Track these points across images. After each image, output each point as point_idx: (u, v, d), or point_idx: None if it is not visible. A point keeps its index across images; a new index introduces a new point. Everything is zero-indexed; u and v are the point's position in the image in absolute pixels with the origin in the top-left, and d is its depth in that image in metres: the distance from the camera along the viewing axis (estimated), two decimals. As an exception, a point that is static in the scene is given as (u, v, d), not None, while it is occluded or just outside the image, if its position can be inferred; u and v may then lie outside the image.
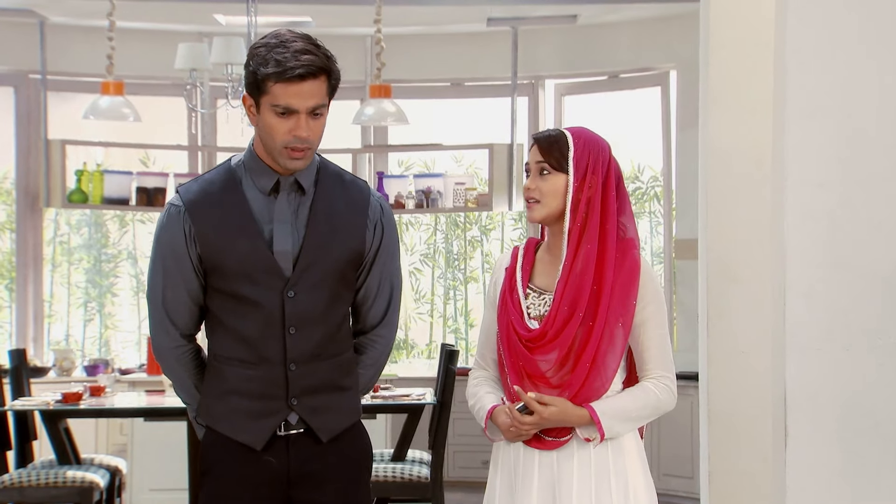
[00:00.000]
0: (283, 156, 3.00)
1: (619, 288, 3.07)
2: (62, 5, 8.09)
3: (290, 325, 3.05)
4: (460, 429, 8.32)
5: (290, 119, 2.97)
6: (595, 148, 3.12)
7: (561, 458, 3.09)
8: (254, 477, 3.06)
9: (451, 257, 9.30)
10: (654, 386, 3.11)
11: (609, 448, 3.09)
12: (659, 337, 3.13)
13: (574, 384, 3.06)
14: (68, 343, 8.93)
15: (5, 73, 8.62)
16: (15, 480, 6.12)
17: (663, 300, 3.16)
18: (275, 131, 2.98)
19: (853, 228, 3.74)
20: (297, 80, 2.93)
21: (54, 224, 8.97)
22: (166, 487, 6.69)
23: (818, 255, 3.75)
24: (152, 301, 3.11)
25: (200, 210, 3.05)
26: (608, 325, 3.06)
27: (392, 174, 8.89)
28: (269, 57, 2.94)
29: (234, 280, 3.03)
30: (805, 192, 3.75)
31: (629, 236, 3.13)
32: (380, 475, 6.21)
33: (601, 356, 3.06)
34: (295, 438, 3.08)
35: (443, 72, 8.94)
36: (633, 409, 3.09)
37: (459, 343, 9.16)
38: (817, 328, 3.74)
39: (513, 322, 3.14)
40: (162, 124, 8.73)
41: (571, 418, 3.06)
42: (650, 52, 8.36)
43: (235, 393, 3.06)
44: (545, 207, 3.13)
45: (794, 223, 3.76)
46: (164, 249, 3.08)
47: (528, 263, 3.21)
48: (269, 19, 8.04)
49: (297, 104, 2.95)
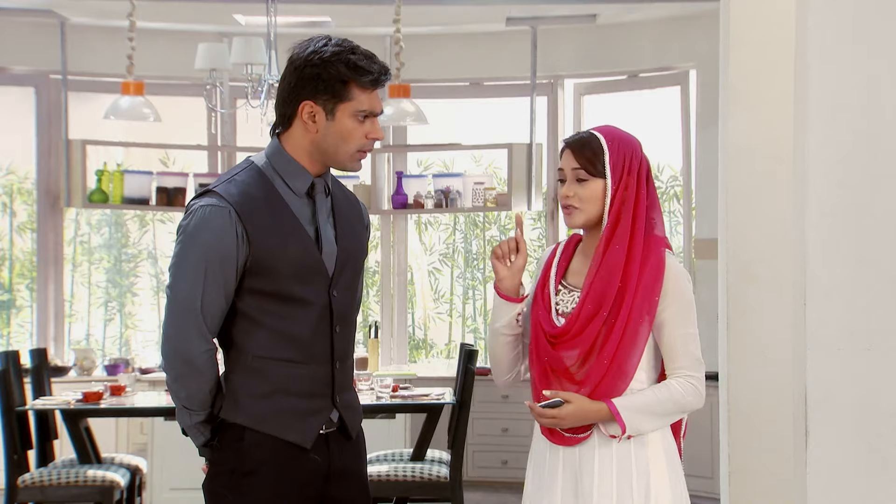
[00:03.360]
0: (354, 159, 3.10)
1: (644, 286, 3.06)
2: (83, 6, 8.12)
3: (337, 323, 3.11)
4: (479, 428, 8.33)
5: (367, 123, 3.06)
6: (628, 148, 3.11)
7: (583, 453, 3.09)
8: (301, 475, 3.09)
9: (469, 257, 9.30)
10: (677, 384, 3.09)
11: (632, 445, 3.07)
12: (683, 336, 3.11)
13: (593, 380, 3.06)
14: (89, 342, 8.96)
15: (26, 74, 8.66)
16: (36, 479, 6.15)
17: (691, 299, 3.13)
18: (353, 135, 3.06)
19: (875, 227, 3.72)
20: (378, 86, 3.06)
21: (75, 224, 9.01)
22: (186, 486, 6.69)
23: (839, 255, 3.73)
24: (186, 304, 3.02)
25: (250, 211, 3.02)
26: (630, 323, 3.05)
27: (411, 174, 8.90)
28: (350, 61, 3.01)
29: (283, 281, 3.04)
30: (826, 191, 3.74)
31: (656, 232, 3.12)
32: (399, 475, 6.21)
33: (622, 353, 3.05)
34: (331, 436, 3.14)
35: (462, 71, 8.94)
36: (654, 405, 3.07)
37: (478, 343, 9.15)
38: (838, 328, 3.73)
39: (540, 318, 3.15)
40: (182, 124, 8.76)
41: (590, 414, 3.05)
42: (670, 51, 8.34)
43: (281, 392, 3.07)
44: (584, 214, 3.12)
45: (815, 222, 3.74)
46: (204, 250, 3.01)
47: (565, 260, 3.22)
48: (289, 19, 8.05)
49: (378, 107, 3.08)
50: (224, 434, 3.10)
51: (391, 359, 8.95)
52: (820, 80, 3.75)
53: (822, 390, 3.73)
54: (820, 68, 3.75)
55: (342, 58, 3.01)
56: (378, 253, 9.02)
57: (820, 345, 3.73)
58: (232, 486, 3.07)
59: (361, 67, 3.01)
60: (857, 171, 3.73)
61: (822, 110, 3.75)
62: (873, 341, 3.71)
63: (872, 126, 3.73)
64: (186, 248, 3.03)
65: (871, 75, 3.73)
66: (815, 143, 3.75)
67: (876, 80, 3.73)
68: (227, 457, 3.09)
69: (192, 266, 3.02)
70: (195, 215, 3.03)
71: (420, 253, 9.24)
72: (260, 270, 3.03)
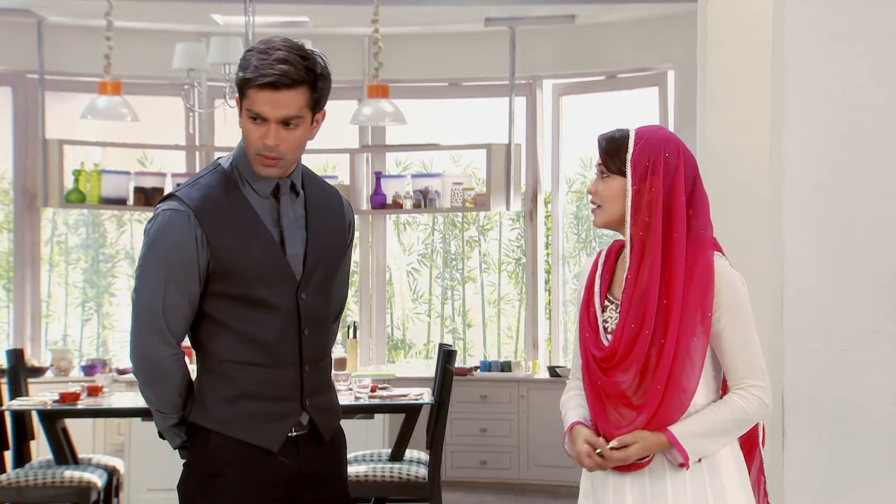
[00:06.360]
0: (256, 162, 3.01)
1: (692, 300, 2.85)
2: (60, 5, 8.09)
3: (305, 326, 3.08)
4: (458, 429, 8.33)
5: (262, 126, 2.96)
6: (656, 147, 2.90)
7: (653, 480, 2.91)
8: (269, 478, 3.07)
9: (448, 257, 9.30)
10: (739, 398, 2.89)
11: (704, 469, 2.89)
12: (742, 343, 2.89)
13: (651, 404, 2.86)
14: (66, 343, 8.93)
15: (3, 73, 8.62)
16: (12, 480, 6.12)
17: (744, 302, 2.91)
18: (248, 136, 3.00)
19: (850, 229, 3.74)
20: (269, 88, 2.92)
21: (52, 224, 8.97)
22: (164, 487, 6.66)
23: (815, 256, 3.75)
24: (148, 309, 3.03)
25: (209, 214, 3.01)
26: (682, 341, 2.85)
27: (390, 174, 8.89)
28: (250, 61, 2.94)
29: (247, 284, 3.02)
30: (802, 193, 3.76)
31: (704, 239, 2.91)
32: (378, 475, 6.21)
33: (676, 374, 2.85)
34: (302, 439, 3.11)
35: (440, 72, 8.94)
36: (716, 425, 2.87)
37: (457, 343, 9.16)
38: (814, 329, 3.75)
39: (587, 341, 2.96)
40: (159, 124, 8.73)
41: (653, 448, 2.87)
42: (648, 52, 8.36)
43: (247, 396, 3.05)
44: (605, 213, 2.95)
45: (792, 224, 3.76)
46: (165, 255, 3.01)
47: (608, 271, 3.01)
48: (267, 19, 8.04)
49: (268, 112, 2.94)
50: (194, 437, 3.10)
51: (370, 359, 8.95)
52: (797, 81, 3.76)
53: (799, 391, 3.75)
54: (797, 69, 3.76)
55: (249, 55, 2.96)
56: (357, 253, 9.01)
57: (796, 346, 3.75)
58: (201, 488, 3.08)
59: (254, 66, 2.92)
60: (833, 173, 3.75)
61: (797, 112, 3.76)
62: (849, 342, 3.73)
63: (849, 127, 3.74)
64: (149, 252, 3.05)
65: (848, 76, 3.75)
66: (790, 145, 3.76)
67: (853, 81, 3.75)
68: (196, 459, 3.09)
69: (153, 271, 3.03)
70: (157, 220, 3.04)
71: (399, 253, 9.24)
72: (223, 274, 3.01)
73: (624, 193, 2.91)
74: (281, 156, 2.99)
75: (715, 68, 4.73)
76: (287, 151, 3.00)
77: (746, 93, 4.67)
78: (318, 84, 2.98)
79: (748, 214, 4.60)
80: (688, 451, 2.85)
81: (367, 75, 8.52)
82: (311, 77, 2.96)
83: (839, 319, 3.73)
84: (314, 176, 3.22)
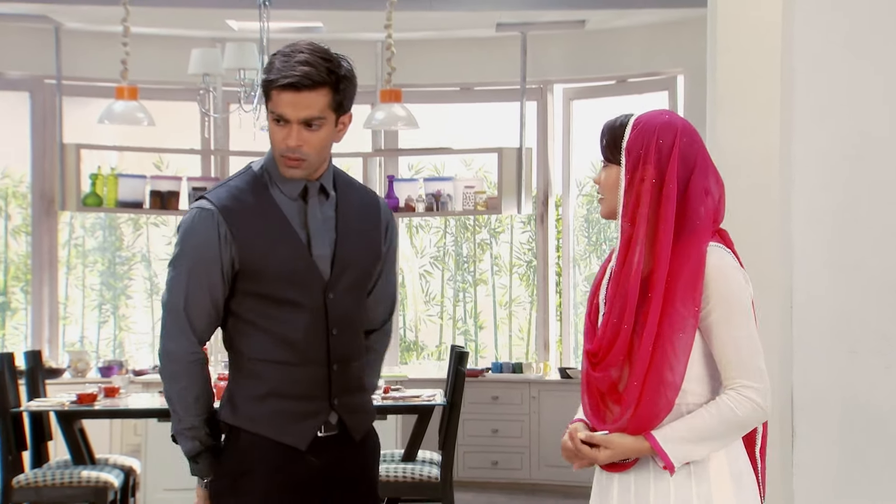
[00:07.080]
0: (280, 163, 3.04)
1: (680, 293, 2.68)
2: (77, 11, 8.16)
3: (333, 326, 3.09)
4: (470, 429, 8.38)
5: (285, 128, 3.00)
6: (650, 134, 2.77)
7: (638, 482, 2.77)
8: (298, 477, 3.08)
9: (460, 260, 9.35)
10: (728, 399, 2.70)
11: (692, 471, 2.73)
12: (734, 340, 2.69)
13: (632, 400, 2.71)
14: (83, 345, 9.00)
15: (21, 79, 8.70)
16: (31, 480, 6.19)
17: (739, 298, 2.71)
18: (273, 138, 3.03)
19: (860, 232, 3.74)
20: (291, 90, 2.95)
21: (69, 227, 9.04)
22: (180, 487, 6.72)
23: (825, 259, 3.75)
24: (172, 306, 3.06)
25: (235, 213, 3.05)
26: (663, 336, 2.68)
27: (402, 178, 8.94)
28: (274, 64, 2.98)
29: (274, 284, 3.05)
30: (812, 196, 3.76)
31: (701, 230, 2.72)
32: (390, 475, 6.26)
33: (657, 369, 2.68)
34: (332, 440, 3.12)
35: (452, 76, 9.00)
36: (702, 428, 2.70)
37: (469, 345, 9.21)
38: (823, 331, 3.74)
39: (585, 335, 2.86)
40: (175, 129, 8.80)
41: (633, 453, 2.73)
42: (658, 56, 8.41)
43: (276, 394, 3.07)
44: (606, 203, 2.82)
45: (801, 226, 3.77)
46: (190, 253, 3.06)
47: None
48: (281, 24, 8.10)
49: (289, 113, 2.97)
50: (225, 437, 3.13)
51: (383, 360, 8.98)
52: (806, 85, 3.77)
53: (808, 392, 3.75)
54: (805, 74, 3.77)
55: (271, 58, 3.01)
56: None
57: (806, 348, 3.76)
58: (231, 486, 3.10)
59: (274, 68, 2.96)
60: (842, 176, 3.75)
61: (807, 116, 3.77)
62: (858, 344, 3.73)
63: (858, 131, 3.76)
64: (177, 250, 3.10)
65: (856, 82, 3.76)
66: (800, 148, 3.78)
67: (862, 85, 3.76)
68: (226, 457, 3.11)
69: (179, 268, 3.07)
70: (186, 219, 3.10)
71: (411, 256, 9.29)
72: (250, 273, 3.05)
73: (617, 183, 2.78)
74: (304, 157, 3.02)
75: (724, 73, 4.74)
76: (310, 153, 3.02)
77: (756, 97, 4.68)
78: (341, 86, 3.00)
79: (758, 217, 4.61)
80: (671, 456, 2.69)
81: (380, 80, 8.57)
82: (334, 79, 2.98)
83: (848, 322, 3.73)
84: (349, 179, 3.24)
